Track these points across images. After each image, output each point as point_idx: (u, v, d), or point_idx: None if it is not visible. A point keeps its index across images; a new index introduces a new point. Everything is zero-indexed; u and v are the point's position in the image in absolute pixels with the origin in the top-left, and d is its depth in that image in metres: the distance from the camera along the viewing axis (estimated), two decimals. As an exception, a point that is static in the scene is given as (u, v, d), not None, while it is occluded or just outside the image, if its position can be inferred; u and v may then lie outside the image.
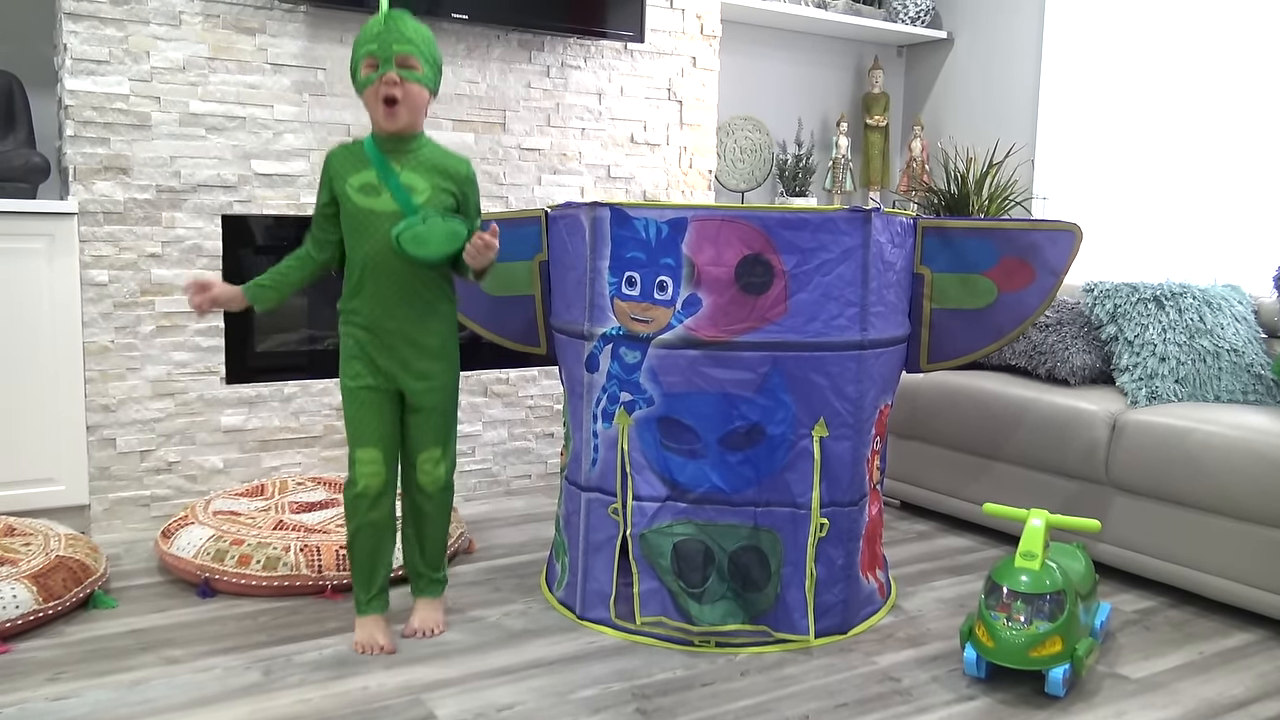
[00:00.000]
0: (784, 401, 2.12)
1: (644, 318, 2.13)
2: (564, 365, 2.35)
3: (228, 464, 2.94)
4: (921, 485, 3.11)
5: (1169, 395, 2.64)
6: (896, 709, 1.90)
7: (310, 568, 2.35)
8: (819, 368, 2.13)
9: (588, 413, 2.23)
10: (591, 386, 2.22)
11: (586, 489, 2.25)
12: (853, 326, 2.15)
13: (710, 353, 2.10)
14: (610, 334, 2.17)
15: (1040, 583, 1.96)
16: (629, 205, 2.13)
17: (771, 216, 2.08)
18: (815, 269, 2.10)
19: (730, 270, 2.07)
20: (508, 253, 2.44)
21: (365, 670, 2.01)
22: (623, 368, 2.15)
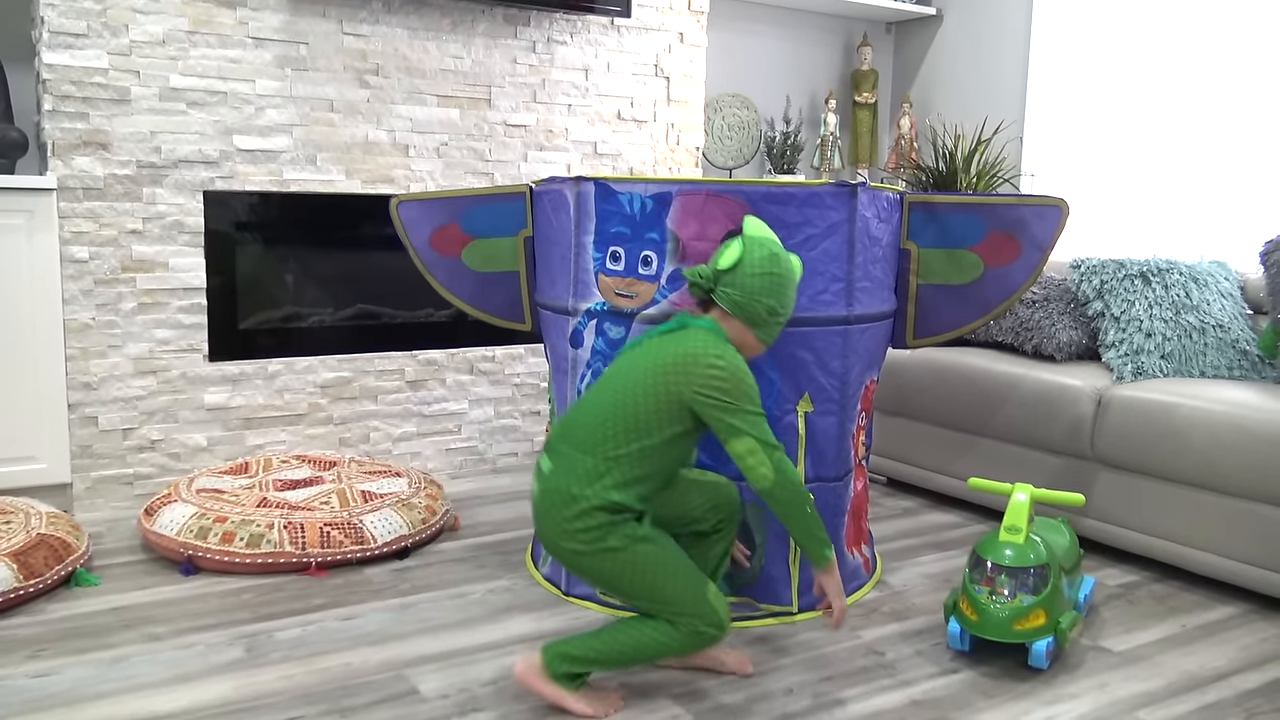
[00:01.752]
0: (769, 377, 2.11)
1: (628, 293, 2.12)
2: (548, 341, 2.34)
3: (211, 442, 2.92)
4: (908, 462, 3.11)
5: (1155, 371, 2.64)
6: (880, 682, 1.90)
7: (294, 544, 2.34)
8: (804, 343, 2.12)
9: (572, 389, 2.22)
10: (576, 362, 2.21)
11: None
12: (838, 301, 2.14)
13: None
14: (595, 309, 2.15)
15: (1024, 557, 1.96)
16: (613, 179, 2.11)
17: (756, 190, 2.06)
18: (800, 244, 2.09)
19: (715, 245, 2.06)
20: (493, 229, 2.43)
21: (348, 647, 2.00)
22: (607, 343, 2.14)
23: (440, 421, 3.27)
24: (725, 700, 1.82)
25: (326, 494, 2.54)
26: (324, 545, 2.35)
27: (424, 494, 2.61)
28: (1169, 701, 1.85)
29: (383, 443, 3.17)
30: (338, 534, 2.38)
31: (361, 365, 3.12)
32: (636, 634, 1.71)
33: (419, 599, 2.25)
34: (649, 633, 1.71)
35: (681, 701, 1.81)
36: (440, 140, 3.14)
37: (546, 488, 1.76)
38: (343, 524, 2.40)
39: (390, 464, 2.83)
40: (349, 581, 2.35)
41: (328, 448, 3.09)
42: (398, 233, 2.47)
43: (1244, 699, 1.86)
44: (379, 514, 2.46)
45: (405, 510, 2.51)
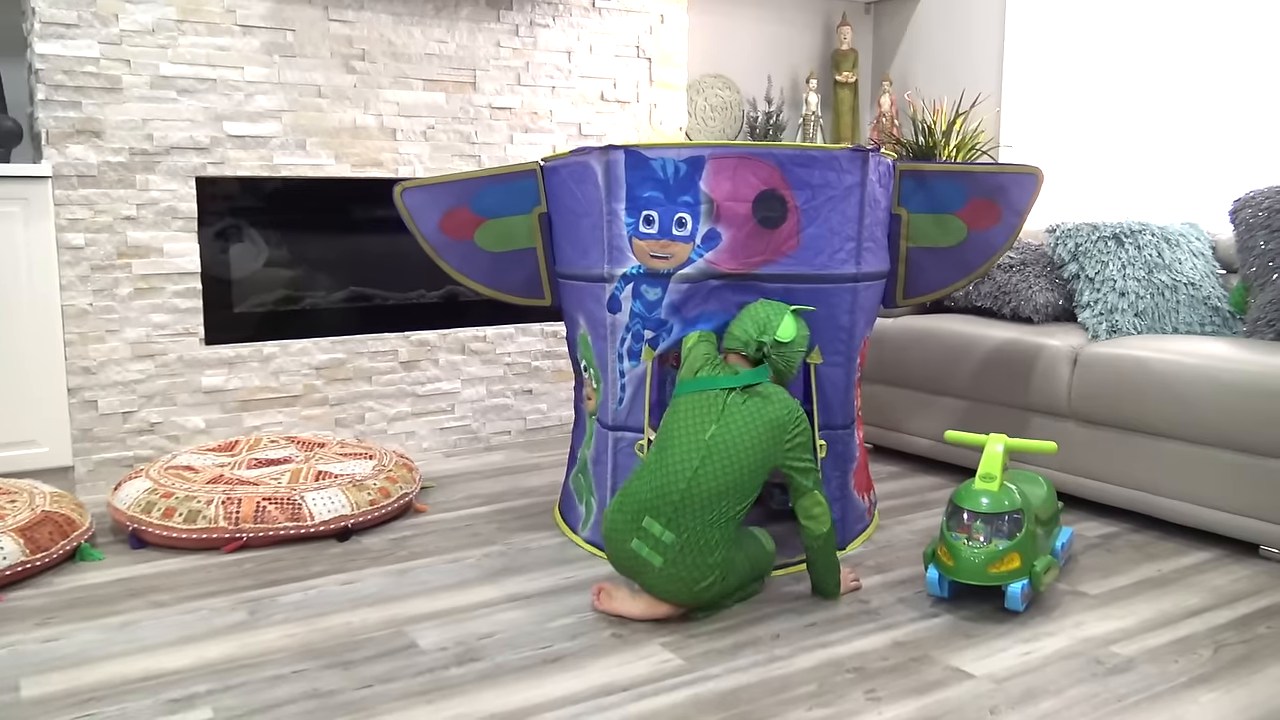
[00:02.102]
0: None
1: (663, 254, 2.18)
2: (581, 311, 2.38)
3: (209, 424, 2.98)
4: (892, 428, 3.18)
5: (1128, 329, 2.71)
6: (863, 626, 1.97)
7: (227, 519, 2.38)
8: (822, 298, 2.21)
9: (612, 353, 2.28)
10: (615, 327, 2.27)
11: (614, 428, 2.30)
12: (850, 260, 2.22)
13: (729, 283, 2.17)
14: (630, 273, 2.21)
15: (999, 503, 2.03)
16: (644, 146, 2.17)
17: (784, 153, 2.14)
18: (823, 205, 2.17)
19: (748, 205, 2.14)
20: (505, 208, 2.47)
21: (349, 608, 2.06)
22: (645, 305, 2.21)
23: (434, 401, 3.33)
24: (714, 645, 1.88)
25: (282, 472, 2.59)
26: (258, 520, 2.40)
27: (384, 477, 2.64)
28: (1142, 636, 1.92)
29: (378, 423, 3.23)
30: (274, 509, 2.41)
31: (355, 347, 3.17)
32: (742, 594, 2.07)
33: (416, 564, 2.31)
34: (747, 589, 2.08)
35: (670, 647, 1.87)
36: (427, 124, 3.20)
37: (676, 562, 1.91)
38: (281, 499, 2.43)
39: (371, 446, 2.88)
40: (347, 551, 2.41)
41: (323, 428, 3.15)
42: (404, 220, 2.46)
43: (1214, 632, 1.93)
44: (324, 492, 2.50)
45: (353, 491, 2.53)
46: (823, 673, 1.77)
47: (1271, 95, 3.12)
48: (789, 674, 1.77)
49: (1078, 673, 1.77)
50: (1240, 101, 3.22)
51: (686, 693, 1.70)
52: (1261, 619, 1.99)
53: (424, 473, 3.09)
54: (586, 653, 1.85)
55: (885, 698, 1.68)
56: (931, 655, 1.84)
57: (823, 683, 1.73)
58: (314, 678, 1.76)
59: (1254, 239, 2.65)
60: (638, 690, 1.71)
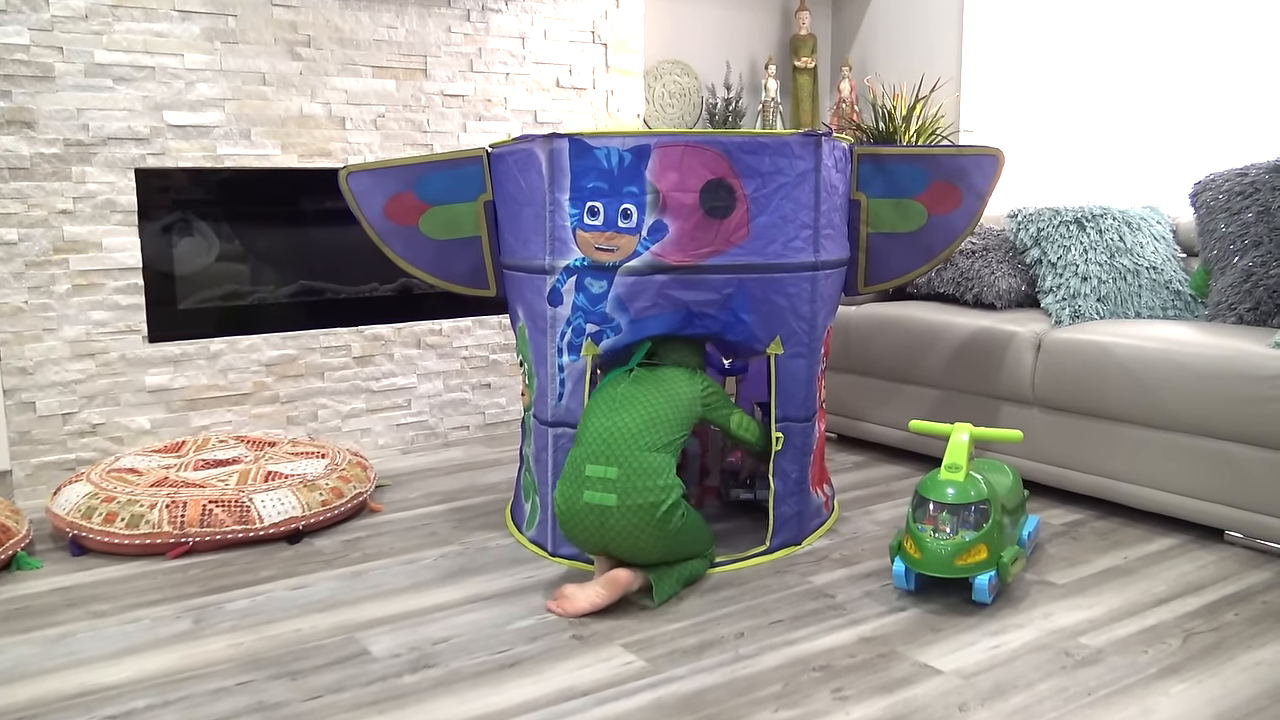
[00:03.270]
0: (743, 320, 2.14)
1: (608, 246, 2.12)
2: (521, 303, 2.32)
3: (155, 424, 2.88)
4: (856, 416, 3.14)
5: (1091, 313, 2.69)
6: (830, 622, 1.92)
7: (172, 523, 2.29)
8: (779, 289, 2.15)
9: (552, 348, 2.22)
10: (555, 321, 2.20)
11: (554, 424, 2.23)
12: (807, 248, 2.17)
13: (678, 276, 2.11)
14: (574, 266, 2.14)
15: (965, 494, 1.99)
16: (588, 134, 2.10)
17: (732, 141, 2.08)
18: (774, 192, 2.11)
19: (695, 195, 2.07)
20: (450, 195, 2.40)
21: (298, 615, 1.99)
22: (588, 299, 2.14)
23: (389, 397, 3.24)
24: (678, 645, 1.83)
25: (230, 474, 2.51)
26: (204, 524, 2.31)
27: (336, 476, 2.56)
28: (1110, 626, 1.89)
29: (331, 420, 3.15)
30: (221, 512, 2.33)
31: (306, 342, 3.08)
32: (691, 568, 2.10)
33: (370, 567, 2.24)
34: (695, 565, 2.11)
35: (633, 648, 1.82)
36: (377, 112, 3.11)
37: (628, 490, 1.96)
38: (229, 502, 2.35)
39: (324, 445, 2.80)
40: (298, 554, 2.33)
41: (275, 427, 3.06)
42: (349, 204, 2.40)
43: (1182, 620, 1.91)
44: (273, 494, 2.42)
45: (304, 491, 2.45)
46: (789, 672, 1.72)
47: (1230, 78, 3.11)
48: (754, 674, 1.72)
49: (1047, 666, 1.74)
50: (1199, 84, 3.21)
51: (649, 696, 1.65)
52: (1229, 606, 1.97)
53: (379, 471, 3.01)
54: (546, 656, 1.79)
55: (853, 696, 1.64)
56: (899, 651, 1.80)
57: (789, 682, 1.69)
58: (260, 689, 1.68)
59: (1214, 222, 2.64)
60: (599, 695, 1.65)
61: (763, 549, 2.26)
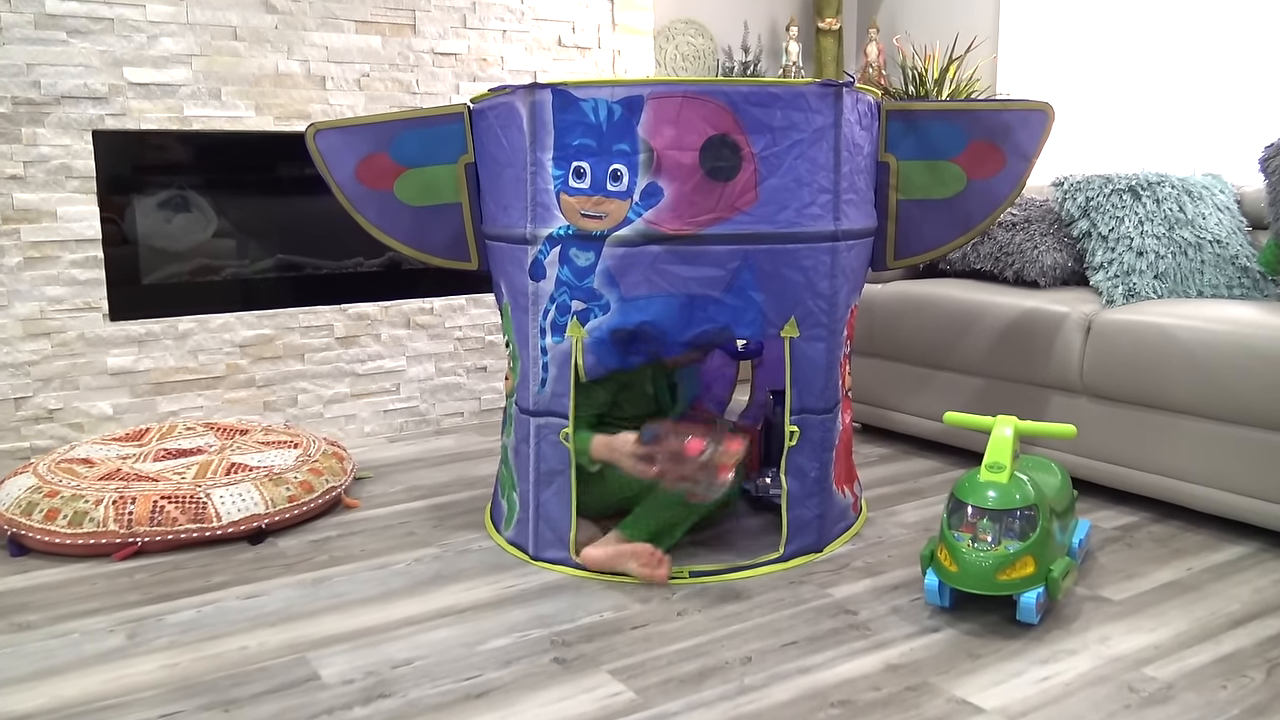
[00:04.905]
0: (753, 300, 1.87)
1: (596, 213, 1.85)
2: (503, 277, 2.07)
3: (118, 410, 2.65)
4: (882, 405, 2.87)
5: (1147, 292, 2.41)
6: (851, 645, 1.67)
7: (119, 522, 2.06)
8: (792, 261, 1.88)
9: (534, 327, 1.96)
10: (538, 297, 1.95)
11: (536, 413, 1.99)
12: (826, 215, 1.90)
13: (674, 248, 1.84)
14: (558, 235, 1.89)
15: (1009, 497, 1.73)
16: (574, 84, 1.84)
17: (737, 91, 1.81)
18: (786, 151, 1.85)
19: (694, 154, 1.81)
20: (427, 156, 2.15)
21: (246, 629, 1.75)
22: (574, 272, 1.88)
23: (376, 381, 3.00)
24: (674, 673, 1.58)
25: (189, 466, 2.27)
26: (154, 523, 2.08)
27: (307, 469, 2.31)
28: (1180, 654, 1.62)
29: (313, 405, 2.91)
30: (174, 509, 2.09)
31: (284, 321, 2.85)
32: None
33: (335, 572, 2.00)
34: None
35: (622, 676, 1.57)
36: (360, 71, 2.85)
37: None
38: (183, 498, 2.11)
39: (299, 433, 2.56)
40: (260, 556, 2.09)
41: (251, 413, 2.82)
42: (316, 165, 2.16)
43: (1264, 647, 1.64)
44: (234, 489, 2.18)
45: (269, 486, 2.21)
46: (802, 709, 1.47)
47: (1301, 31, 2.80)
48: (761, 710, 1.47)
49: (1107, 704, 1.47)
50: (1266, 38, 2.90)
51: (636, 738, 1.40)
52: (1316, 630, 1.70)
53: (361, 461, 2.77)
54: (519, 685, 1.55)
55: (877, 741, 1.38)
56: (931, 683, 1.54)
57: (802, 721, 1.44)
58: (186, 723, 1.45)
59: (1288, 190, 2.35)
60: (577, 736, 1.41)
61: (776, 556, 2.01)
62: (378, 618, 1.79)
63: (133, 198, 2.64)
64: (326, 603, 1.86)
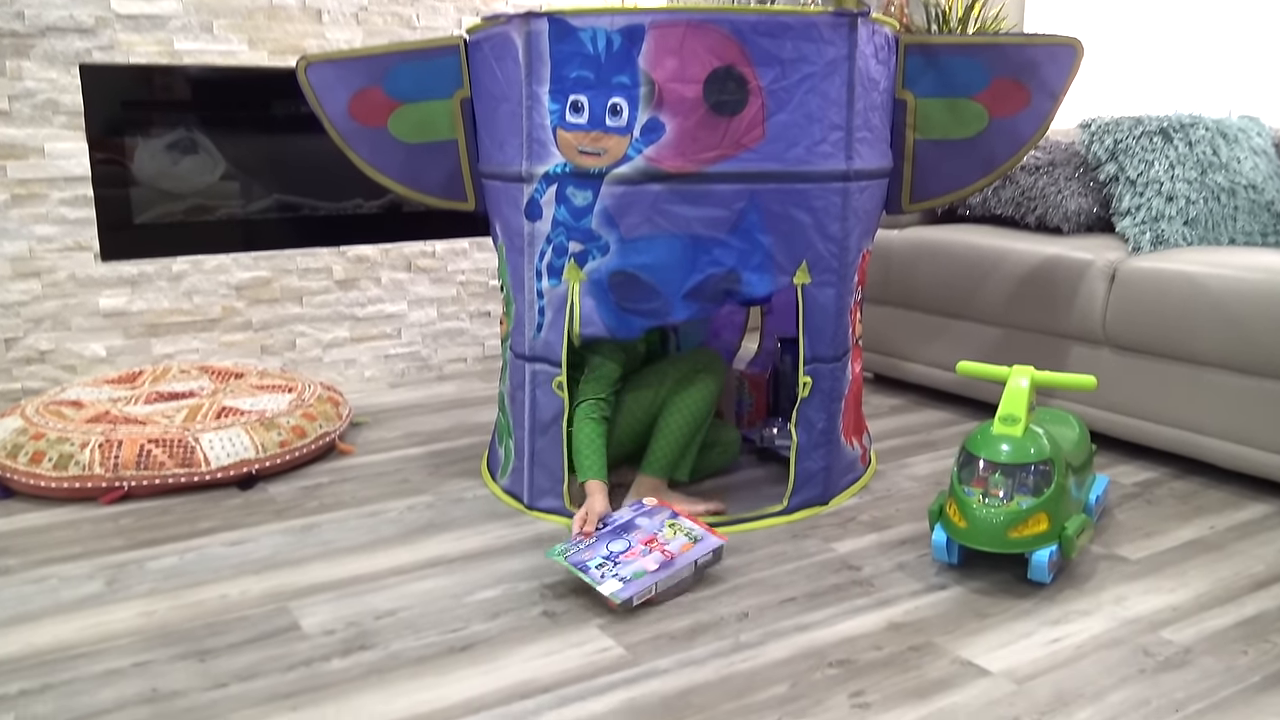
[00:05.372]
0: (760, 243, 1.78)
1: (594, 149, 1.76)
2: (499, 217, 1.98)
3: (111, 352, 2.60)
4: (896, 355, 2.78)
5: (1176, 239, 2.29)
6: (853, 602, 1.60)
7: (104, 466, 2.01)
8: (801, 202, 1.79)
9: (530, 270, 1.88)
10: (534, 238, 1.86)
11: (531, 359, 1.91)
12: (837, 154, 1.80)
13: (676, 187, 1.74)
14: (554, 172, 1.80)
15: (1023, 451, 1.64)
16: (570, 12, 1.73)
17: (745, 20, 1.70)
18: (796, 84, 1.74)
19: (698, 87, 1.71)
20: (422, 90, 2.05)
21: (229, 577, 1.70)
22: (571, 212, 1.80)
23: (376, 325, 2.94)
24: (667, 629, 1.51)
25: (179, 409, 2.21)
26: (141, 466, 2.02)
27: (300, 413, 2.25)
28: (1199, 616, 1.54)
29: (311, 350, 2.85)
30: (160, 453, 2.04)
31: (281, 264, 2.77)
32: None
33: (325, 519, 1.94)
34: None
35: (611, 631, 1.51)
36: (358, 4, 2.75)
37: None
38: (171, 442, 2.06)
39: (295, 377, 2.49)
40: (249, 502, 2.04)
41: (248, 356, 2.76)
42: (309, 101, 2.07)
43: (1288, 612, 1.56)
44: (224, 433, 2.12)
45: (259, 430, 2.15)
46: (798, 667, 1.41)
47: (1348, -36, 2.65)
48: (756, 669, 1.40)
49: (1121, 668, 1.40)
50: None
51: (622, 696, 1.34)
52: (1344, 593, 1.62)
53: (361, 406, 2.71)
54: (505, 638, 1.49)
55: (876, 704, 1.32)
56: (936, 643, 1.47)
57: (797, 681, 1.37)
58: (158, 673, 1.40)
59: (1330, 131, 2.22)
60: (560, 692, 1.34)
61: (779, 508, 1.93)
62: (364, 567, 1.73)
63: (123, 134, 2.56)
64: (313, 550, 1.80)
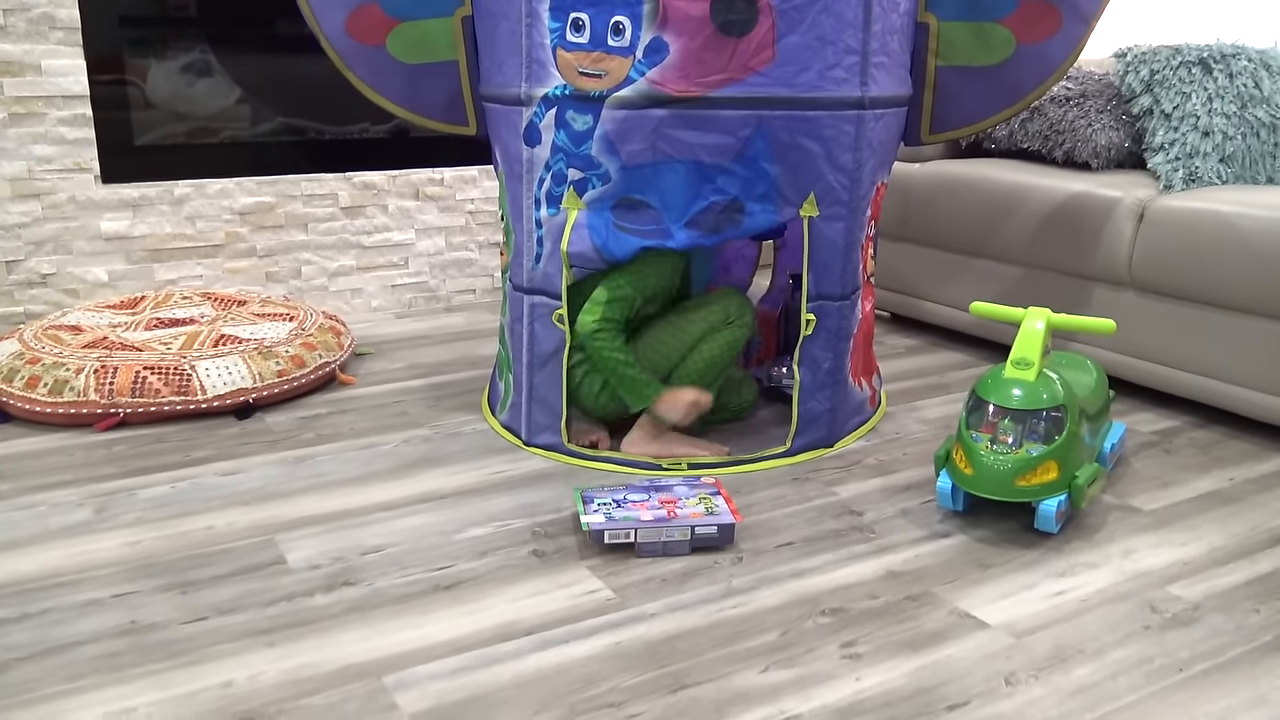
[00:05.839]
0: (766, 173, 1.71)
1: (595, 70, 1.68)
2: (498, 142, 1.91)
3: (113, 276, 2.57)
4: (914, 294, 2.70)
5: (1211, 177, 2.19)
6: (851, 548, 1.55)
7: (99, 392, 1.98)
8: (812, 130, 1.70)
9: (529, 198, 1.82)
10: (532, 164, 1.79)
11: (530, 291, 1.86)
12: (852, 80, 1.71)
13: (680, 112, 1.66)
14: (554, 95, 1.72)
15: (1035, 396, 1.58)
16: None
17: None
18: (809, 4, 1.65)
19: (704, 5, 1.62)
20: (422, 7, 1.97)
21: (218, 508, 1.67)
22: (571, 137, 1.72)
23: (384, 254, 2.88)
24: (657, 571, 1.48)
25: (177, 336, 2.18)
26: (136, 394, 2.00)
27: (300, 343, 2.21)
28: (1211, 572, 1.49)
29: (317, 278, 2.80)
30: (156, 381, 2.01)
31: (286, 189, 2.72)
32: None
33: (319, 451, 1.92)
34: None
35: (600, 572, 1.47)
36: (364, -82, 2.64)
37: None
38: (167, 369, 2.02)
39: (297, 305, 2.45)
40: (245, 431, 2.01)
41: (252, 284, 2.72)
42: (305, 18, 1.99)
43: (1305, 569, 1.50)
44: (221, 361, 2.09)
45: (258, 359, 2.11)
46: (790, 615, 1.37)
47: None
48: (746, 615, 1.36)
49: (1125, 624, 1.35)
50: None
51: (606, 640, 1.30)
52: (1366, 551, 1.56)
53: (364, 337, 2.67)
54: (491, 578, 1.46)
55: (867, 655, 1.27)
56: (934, 593, 1.42)
57: (788, 629, 1.33)
58: (138, 605, 1.38)
59: (1382, 64, 2.09)
60: (543, 635, 1.31)
61: (782, 450, 1.88)
62: (355, 500, 1.70)
63: (122, 52, 2.49)
64: (305, 483, 1.77)
